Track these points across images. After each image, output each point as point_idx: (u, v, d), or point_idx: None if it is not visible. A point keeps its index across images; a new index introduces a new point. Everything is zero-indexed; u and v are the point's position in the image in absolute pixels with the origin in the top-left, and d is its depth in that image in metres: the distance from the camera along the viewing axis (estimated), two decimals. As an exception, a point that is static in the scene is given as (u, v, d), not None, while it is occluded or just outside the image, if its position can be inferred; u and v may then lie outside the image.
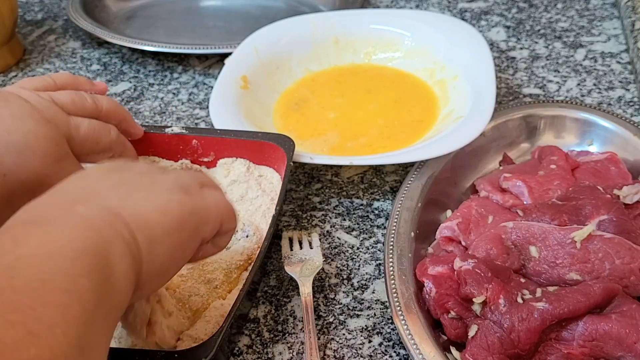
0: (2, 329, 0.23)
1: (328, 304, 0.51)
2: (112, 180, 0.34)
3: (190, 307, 0.47)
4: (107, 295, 0.28)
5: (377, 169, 0.63)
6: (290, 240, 0.55)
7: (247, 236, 0.52)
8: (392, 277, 0.47)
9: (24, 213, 0.31)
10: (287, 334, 0.49)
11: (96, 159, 0.49)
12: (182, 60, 0.83)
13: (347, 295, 0.51)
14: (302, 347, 0.48)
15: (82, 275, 0.27)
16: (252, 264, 0.48)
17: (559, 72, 0.75)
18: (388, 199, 0.60)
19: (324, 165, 0.63)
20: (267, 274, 0.54)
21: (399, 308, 0.45)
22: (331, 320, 0.50)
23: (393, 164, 0.63)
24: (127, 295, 0.31)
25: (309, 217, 0.59)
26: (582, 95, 0.71)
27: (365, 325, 0.49)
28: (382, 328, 0.49)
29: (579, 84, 0.73)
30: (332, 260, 0.54)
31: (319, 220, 0.58)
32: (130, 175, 0.36)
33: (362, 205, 0.60)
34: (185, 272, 0.49)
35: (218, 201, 0.39)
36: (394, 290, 0.47)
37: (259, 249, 0.49)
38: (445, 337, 0.46)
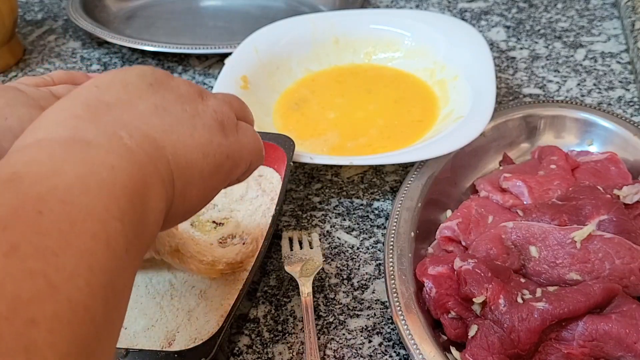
0: (21, 280, 0.20)
1: (328, 304, 0.51)
2: (154, 101, 0.31)
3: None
4: (137, 239, 0.25)
5: (377, 169, 0.63)
6: (290, 240, 0.55)
7: (243, 243, 0.52)
8: (392, 277, 0.47)
9: (60, 120, 0.27)
10: (287, 334, 0.49)
11: None
12: (182, 60, 0.83)
13: (347, 295, 0.51)
14: (302, 347, 0.48)
15: (117, 217, 0.24)
16: (252, 265, 0.48)
17: (559, 72, 0.75)
18: (388, 199, 0.60)
19: (324, 165, 0.63)
20: (267, 274, 0.54)
21: (399, 308, 0.45)
22: (331, 320, 0.50)
23: (393, 164, 0.63)
24: (154, 237, 0.28)
25: (309, 217, 0.59)
26: (582, 95, 0.71)
27: (365, 325, 0.49)
28: (382, 328, 0.49)
29: (579, 84, 0.73)
30: (332, 260, 0.55)
31: (319, 220, 0.58)
32: (171, 98, 0.32)
33: (362, 205, 0.60)
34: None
35: (251, 141, 0.37)
36: (394, 290, 0.47)
37: (253, 257, 0.49)
38: (445, 337, 0.46)
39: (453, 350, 0.44)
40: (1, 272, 0.19)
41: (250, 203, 0.56)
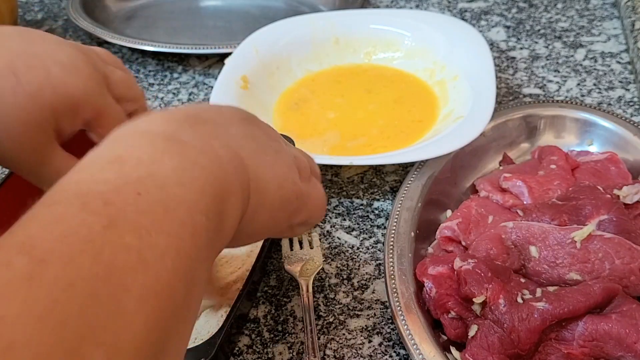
0: (117, 251, 0.21)
1: (328, 304, 0.51)
2: (244, 130, 0.34)
3: None
4: (214, 238, 0.27)
5: (377, 169, 0.63)
6: (290, 240, 0.55)
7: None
8: (392, 277, 0.47)
9: (162, 121, 0.29)
10: (287, 334, 0.49)
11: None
12: (182, 60, 0.83)
13: (347, 295, 0.51)
14: (302, 347, 0.48)
15: (202, 212, 0.26)
16: (252, 265, 0.48)
17: (559, 72, 0.75)
18: (388, 199, 0.60)
19: (324, 165, 0.63)
20: (267, 274, 0.54)
21: (399, 308, 0.45)
22: (331, 320, 0.50)
23: (393, 164, 0.63)
24: (225, 244, 0.30)
25: (309, 217, 0.59)
26: (582, 95, 0.71)
27: (365, 325, 0.49)
28: (382, 328, 0.49)
29: (579, 84, 0.73)
30: (332, 260, 0.55)
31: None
32: (260, 133, 0.35)
33: (362, 205, 0.60)
34: None
35: (318, 195, 0.40)
36: (394, 290, 0.47)
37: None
38: (445, 337, 0.46)
39: (453, 350, 0.44)
40: (100, 242, 0.21)
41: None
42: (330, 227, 0.58)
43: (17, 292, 0.18)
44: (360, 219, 0.58)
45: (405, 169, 0.63)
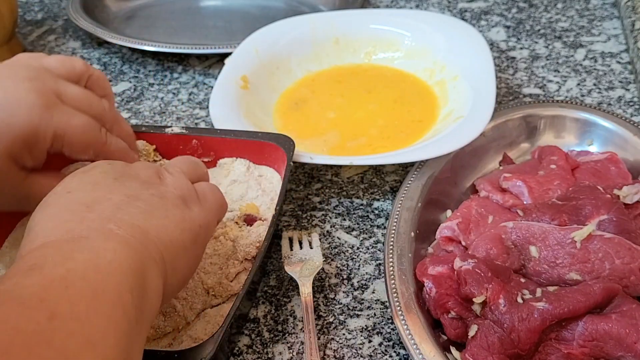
0: (65, 338, 0.24)
1: (328, 304, 0.51)
2: (125, 192, 0.35)
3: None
4: (144, 311, 0.29)
5: (377, 169, 0.63)
6: (290, 240, 0.55)
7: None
8: (392, 277, 0.47)
9: (50, 223, 0.31)
10: (287, 334, 0.49)
11: (89, 152, 0.47)
12: (182, 60, 0.83)
13: (347, 295, 0.51)
14: (302, 347, 0.48)
15: (127, 291, 0.28)
16: (252, 265, 0.48)
17: (559, 72, 0.75)
18: (388, 199, 0.60)
19: (324, 165, 0.63)
20: (267, 274, 0.54)
21: (399, 308, 0.45)
22: (331, 320, 0.50)
23: (393, 164, 0.63)
24: (156, 311, 0.32)
25: (309, 217, 0.59)
26: (582, 95, 0.71)
27: (365, 325, 0.49)
28: (382, 328, 0.49)
29: (579, 84, 0.73)
30: (332, 260, 0.55)
31: (319, 220, 0.58)
32: (137, 186, 0.36)
33: (362, 205, 0.60)
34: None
35: (213, 200, 0.41)
36: (394, 290, 0.47)
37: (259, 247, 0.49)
38: (445, 337, 0.46)
39: (453, 350, 0.44)
40: (49, 332, 0.23)
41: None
42: (330, 227, 0.58)
43: None
44: (360, 219, 0.58)
45: (405, 169, 0.63)
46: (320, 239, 0.55)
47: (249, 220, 0.52)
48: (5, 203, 0.45)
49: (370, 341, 0.48)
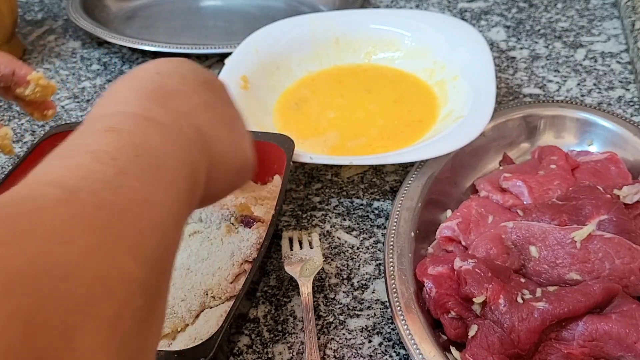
0: (130, 192, 0.25)
1: (328, 304, 0.51)
2: (205, 99, 0.36)
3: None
4: (189, 202, 0.31)
5: (377, 169, 0.63)
6: (290, 240, 0.55)
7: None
8: (392, 277, 0.47)
9: (134, 100, 0.32)
10: (287, 334, 0.49)
11: None
12: (182, 60, 0.83)
13: (347, 295, 0.51)
14: (302, 347, 0.48)
15: (184, 177, 0.30)
16: (252, 265, 0.48)
17: (559, 72, 0.75)
18: (388, 199, 0.60)
19: (324, 165, 0.63)
20: (267, 274, 0.54)
21: (399, 308, 0.45)
22: (331, 320, 0.50)
23: (393, 164, 0.63)
24: (194, 208, 0.33)
25: (309, 217, 0.59)
26: (582, 95, 0.71)
27: (365, 325, 0.49)
28: (382, 328, 0.49)
29: (579, 84, 0.73)
30: (332, 260, 0.54)
31: (319, 220, 0.58)
32: (218, 100, 0.37)
33: (362, 205, 0.60)
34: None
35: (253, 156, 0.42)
36: (394, 290, 0.46)
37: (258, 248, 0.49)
38: (445, 337, 0.46)
39: (453, 350, 0.44)
40: (115, 183, 0.25)
41: (250, 203, 0.56)
42: (330, 227, 0.58)
43: (59, 209, 0.22)
44: (360, 219, 0.58)
45: (405, 169, 0.63)
46: (320, 239, 0.55)
47: (246, 221, 0.52)
48: None
49: (370, 341, 0.48)
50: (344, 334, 0.48)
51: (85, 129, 0.30)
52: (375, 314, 0.50)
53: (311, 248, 0.53)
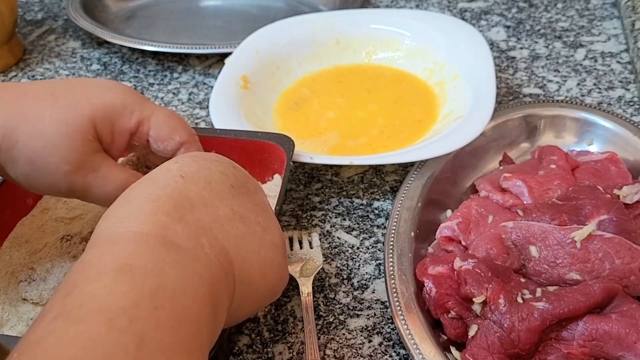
0: None
1: (328, 303, 0.51)
2: (232, 207, 0.32)
3: None
4: (210, 342, 0.29)
5: (377, 169, 0.63)
6: (290, 240, 0.55)
7: None
8: (392, 277, 0.47)
9: (150, 216, 0.29)
10: (287, 334, 0.49)
11: None
12: (182, 60, 0.83)
13: (347, 295, 0.51)
14: (302, 347, 0.48)
15: (204, 323, 0.27)
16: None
17: (559, 72, 0.75)
18: (388, 198, 0.60)
19: (324, 165, 0.63)
20: (267, 274, 0.54)
21: (399, 308, 0.45)
22: (331, 320, 0.50)
23: (393, 164, 0.63)
24: (213, 343, 0.31)
25: (309, 217, 0.59)
26: (582, 95, 0.71)
27: (365, 325, 0.49)
28: (382, 328, 0.49)
29: (579, 84, 0.73)
30: (332, 260, 0.55)
31: (319, 220, 0.58)
32: (249, 207, 0.34)
33: (362, 205, 0.60)
34: None
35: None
36: (394, 290, 0.47)
37: None
38: (445, 337, 0.46)
39: (453, 350, 0.44)
40: None
41: (250, 203, 0.56)
42: (330, 227, 0.58)
43: None
44: (360, 219, 0.58)
45: (405, 169, 0.63)
46: (320, 239, 0.55)
47: None
48: (59, 180, 0.40)
49: (370, 341, 0.48)
50: (344, 334, 0.48)
51: (94, 261, 0.27)
52: (375, 314, 0.50)
53: (311, 248, 0.53)
